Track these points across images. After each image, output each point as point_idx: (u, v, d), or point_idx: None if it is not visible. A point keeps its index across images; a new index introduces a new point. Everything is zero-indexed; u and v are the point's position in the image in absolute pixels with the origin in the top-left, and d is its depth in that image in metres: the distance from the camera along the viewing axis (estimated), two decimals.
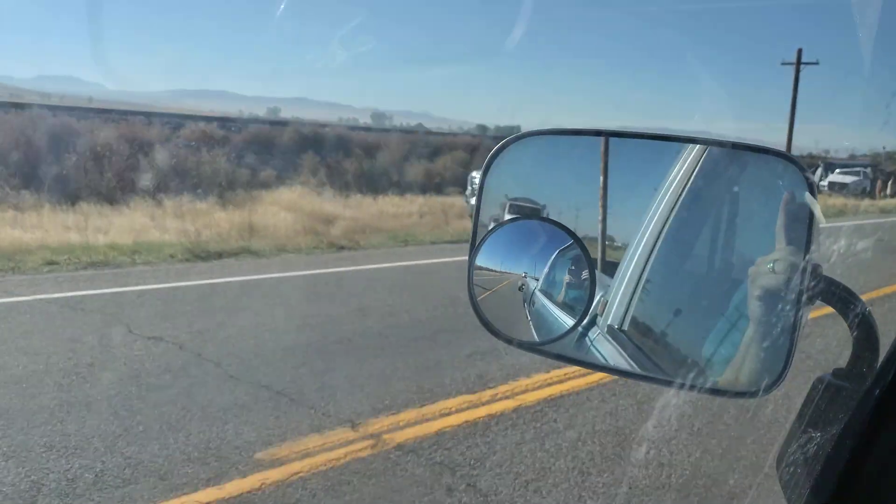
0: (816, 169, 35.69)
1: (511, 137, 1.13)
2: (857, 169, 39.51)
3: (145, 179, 15.65)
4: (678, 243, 1.16)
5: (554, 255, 1.10)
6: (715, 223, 1.13)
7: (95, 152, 16.35)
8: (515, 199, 1.17)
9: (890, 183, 37.37)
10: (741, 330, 0.95)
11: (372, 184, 20.68)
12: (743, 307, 0.95)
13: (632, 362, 1.07)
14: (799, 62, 30.76)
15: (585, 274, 1.08)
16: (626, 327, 1.11)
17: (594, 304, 1.08)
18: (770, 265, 0.92)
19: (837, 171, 38.03)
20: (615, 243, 1.11)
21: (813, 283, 0.85)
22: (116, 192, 15.27)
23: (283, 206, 15.55)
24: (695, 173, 1.15)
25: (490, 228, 1.12)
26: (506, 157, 1.13)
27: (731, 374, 0.97)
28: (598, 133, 1.10)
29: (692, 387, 0.96)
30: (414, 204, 19.08)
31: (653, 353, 1.07)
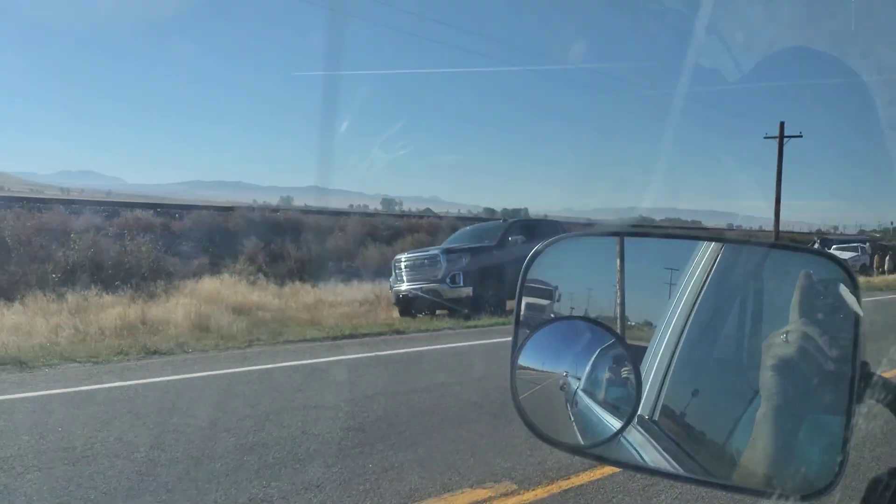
0: (813, 245, 34.50)
1: (546, 242, 1.20)
2: (855, 244, 39.14)
3: (52, 271, 14.32)
4: (706, 331, 1.19)
5: (596, 354, 1.11)
6: (742, 311, 1.15)
7: (4, 244, 15.16)
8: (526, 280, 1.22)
9: (888, 258, 35.92)
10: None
11: (318, 270, 19.26)
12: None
13: (669, 459, 1.08)
14: (782, 136, 29.77)
15: (627, 372, 1.09)
16: (657, 417, 1.11)
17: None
18: (783, 336, 0.96)
19: (834, 247, 36.45)
20: (630, 322, 1.15)
21: (883, 395, 0.89)
22: (19, 286, 13.91)
23: (203, 298, 14.08)
24: (718, 263, 1.21)
25: (532, 328, 1.15)
26: (543, 259, 1.19)
27: (747, 460, 0.99)
28: (628, 234, 1.22)
29: (745, 490, 0.97)
30: (360, 291, 17.60)
31: (686, 444, 1.07)
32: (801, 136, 31.34)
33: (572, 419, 1.11)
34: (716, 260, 1.24)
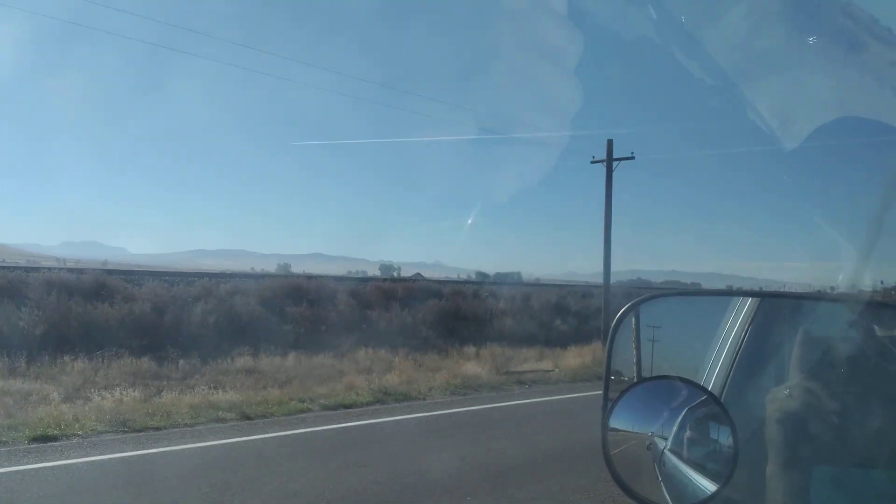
0: None
1: (630, 304, 1.24)
2: None
3: None
4: (749, 388, 1.18)
5: (683, 413, 1.09)
6: (780, 368, 1.13)
7: None
8: None
9: None
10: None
11: None
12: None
13: None
14: (610, 157, 21.46)
15: (714, 432, 1.06)
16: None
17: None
18: (786, 391, 0.99)
19: None
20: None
21: None
22: None
23: None
24: (755, 322, 1.24)
25: (623, 389, 1.14)
26: (629, 320, 1.22)
27: None
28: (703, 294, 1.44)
29: None
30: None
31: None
32: (632, 158, 21.61)
33: (660, 479, 1.10)
34: (751, 319, 1.29)
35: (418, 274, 64.33)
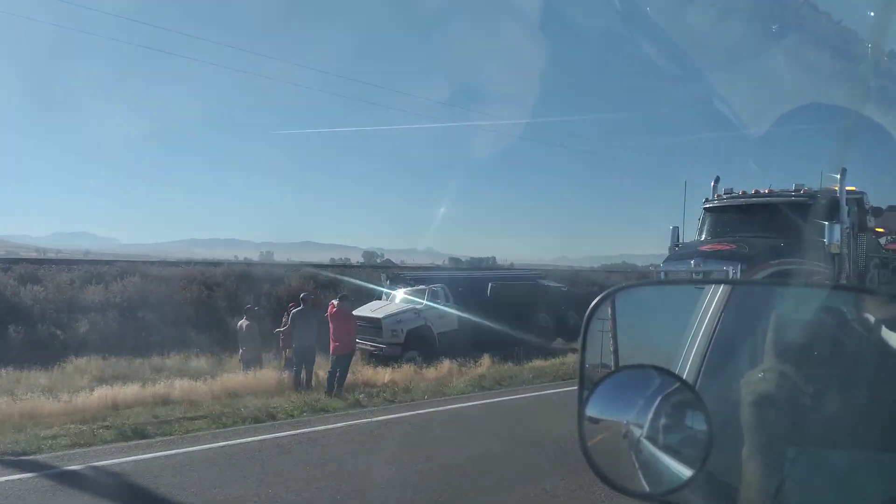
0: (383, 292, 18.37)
1: (604, 294, 1.21)
2: (423, 287, 17.31)
3: None
4: (724, 373, 1.15)
5: (658, 401, 1.08)
6: (754, 351, 1.11)
7: None
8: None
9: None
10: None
11: None
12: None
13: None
14: None
15: (689, 418, 1.05)
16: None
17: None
18: (760, 374, 0.97)
19: (403, 291, 17.55)
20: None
21: None
22: None
23: None
24: (728, 308, 1.22)
25: (598, 379, 1.12)
26: (605, 310, 1.19)
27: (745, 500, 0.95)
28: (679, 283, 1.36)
29: None
30: None
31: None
32: None
33: (637, 466, 1.09)
34: (725, 304, 1.28)
35: (388, 260, 63.89)
